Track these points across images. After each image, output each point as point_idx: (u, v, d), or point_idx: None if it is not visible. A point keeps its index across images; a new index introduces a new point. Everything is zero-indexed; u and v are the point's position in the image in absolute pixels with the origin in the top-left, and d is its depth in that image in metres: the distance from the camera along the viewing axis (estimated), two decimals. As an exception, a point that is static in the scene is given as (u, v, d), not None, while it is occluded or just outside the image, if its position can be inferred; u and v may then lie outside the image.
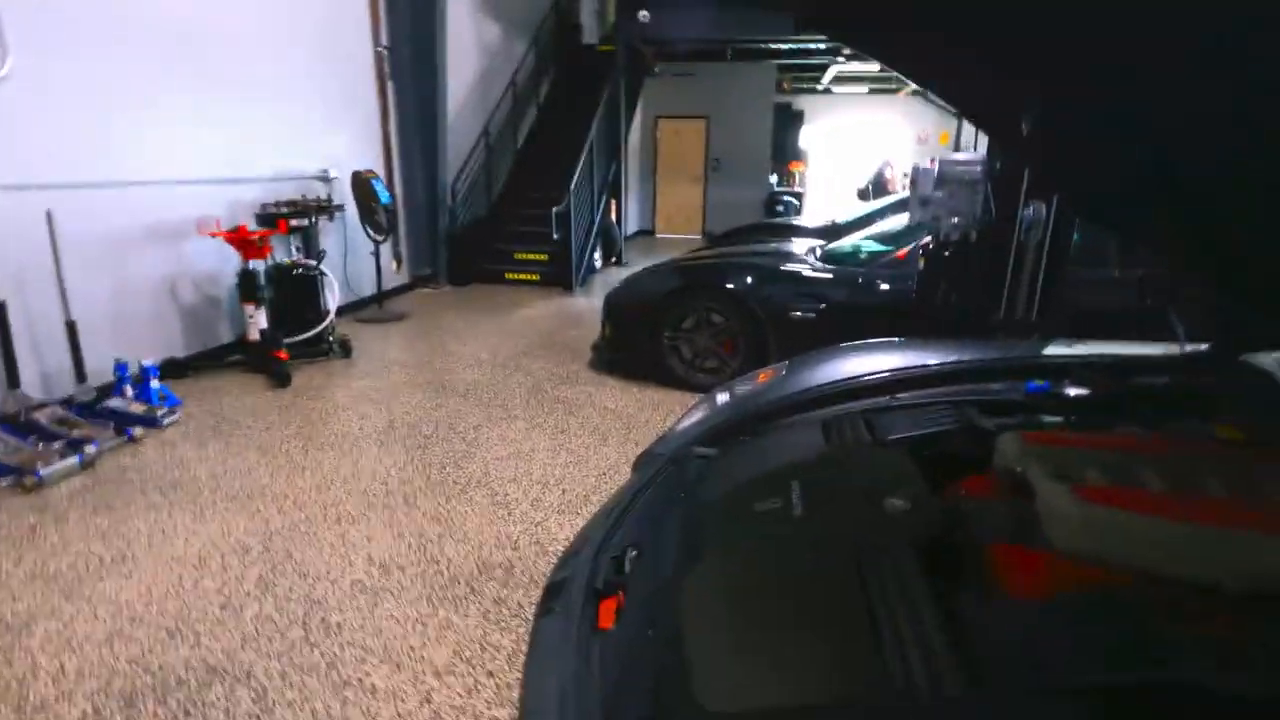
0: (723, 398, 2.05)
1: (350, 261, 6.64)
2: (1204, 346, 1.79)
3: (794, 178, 15.62)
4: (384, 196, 6.23)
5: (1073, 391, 1.70)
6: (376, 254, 6.65)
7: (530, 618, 1.34)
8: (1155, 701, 0.78)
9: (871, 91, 15.83)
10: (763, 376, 2.09)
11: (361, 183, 6.21)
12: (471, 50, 8.83)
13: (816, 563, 1.16)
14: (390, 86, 7.20)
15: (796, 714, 0.86)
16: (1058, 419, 1.61)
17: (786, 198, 13.81)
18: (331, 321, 5.23)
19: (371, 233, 6.41)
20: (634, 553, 1.41)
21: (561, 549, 2.15)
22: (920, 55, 1.46)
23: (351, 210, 6.32)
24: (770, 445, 1.71)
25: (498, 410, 4.22)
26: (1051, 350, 2.03)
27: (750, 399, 1.97)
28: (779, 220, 7.97)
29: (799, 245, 4.67)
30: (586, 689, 1.06)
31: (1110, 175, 1.49)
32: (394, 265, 7.48)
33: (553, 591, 1.37)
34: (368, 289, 6.92)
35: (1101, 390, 1.69)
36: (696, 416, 2.01)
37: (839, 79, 14.24)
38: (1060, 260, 2.53)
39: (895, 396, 1.84)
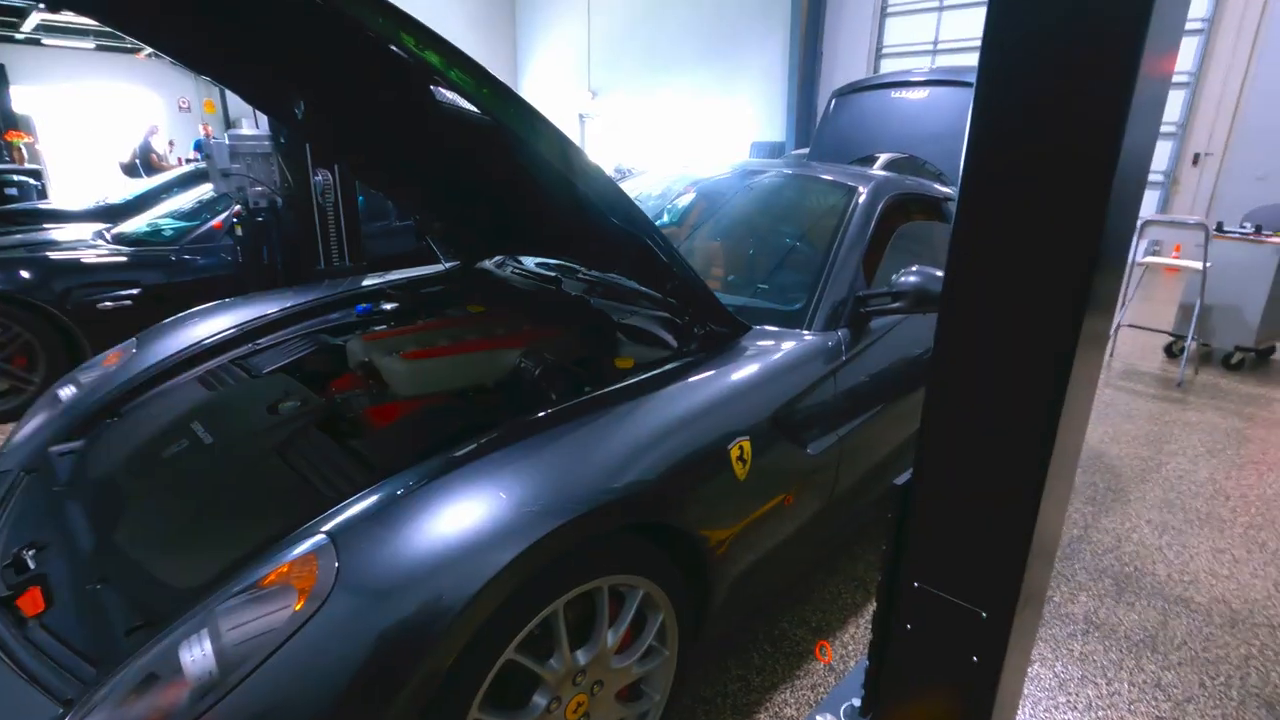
0: (67, 392, 1.92)
1: None
2: (456, 263, 2.70)
3: (19, 151, 12.22)
4: None
5: (387, 305, 2.36)
6: None
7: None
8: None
9: (100, 48, 13.49)
10: (110, 359, 2.04)
11: None
12: None
13: (243, 460, 1.46)
14: None
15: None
16: (384, 325, 2.23)
17: (18, 178, 10.79)
18: None
19: None
20: (32, 551, 1.38)
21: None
22: (193, 49, 1.71)
23: None
24: (148, 414, 1.79)
25: None
26: (368, 282, 2.65)
27: (104, 382, 1.92)
28: (19, 207, 6.35)
29: (73, 232, 4.05)
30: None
31: (367, 153, 2.10)
32: None
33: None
34: None
35: (405, 300, 2.40)
36: (38, 421, 1.84)
37: (48, 28, 11.61)
38: (354, 215, 3.18)
39: (256, 343, 2.13)
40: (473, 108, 1.26)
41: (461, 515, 1.09)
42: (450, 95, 1.32)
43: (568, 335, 1.95)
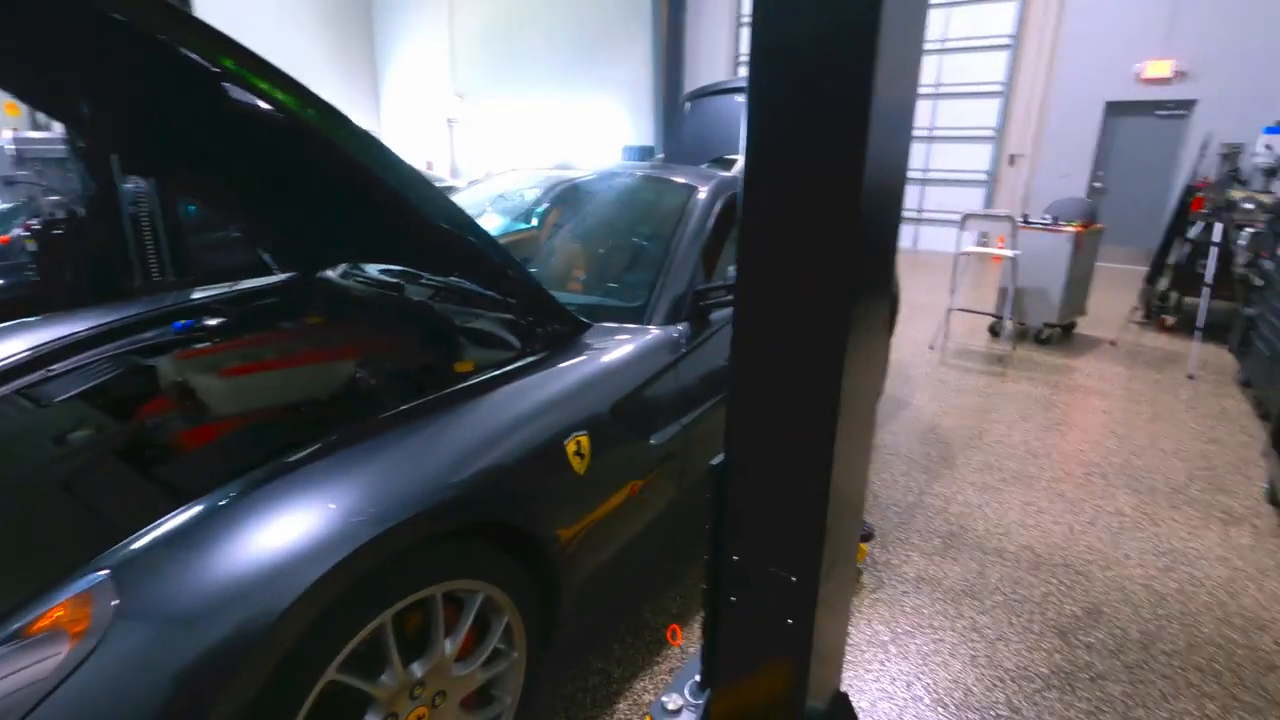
0: None
1: None
2: (293, 273, 2.55)
3: None
4: None
5: (212, 321, 2.19)
6: None
7: None
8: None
9: None
10: None
11: None
12: None
13: (21, 498, 1.31)
14: None
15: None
16: (207, 342, 2.07)
17: None
18: None
19: None
20: None
21: None
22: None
23: None
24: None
25: None
26: (198, 295, 2.44)
27: None
28: None
29: None
30: None
31: (171, 159, 1.94)
32: None
33: None
34: None
35: (233, 315, 2.24)
36: None
37: None
38: (177, 225, 2.92)
39: (50, 369, 1.91)
40: (271, 109, 1.21)
41: (274, 530, 1.04)
42: (247, 97, 1.25)
43: (407, 342, 1.90)
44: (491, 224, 2.76)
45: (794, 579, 1.15)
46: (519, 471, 1.36)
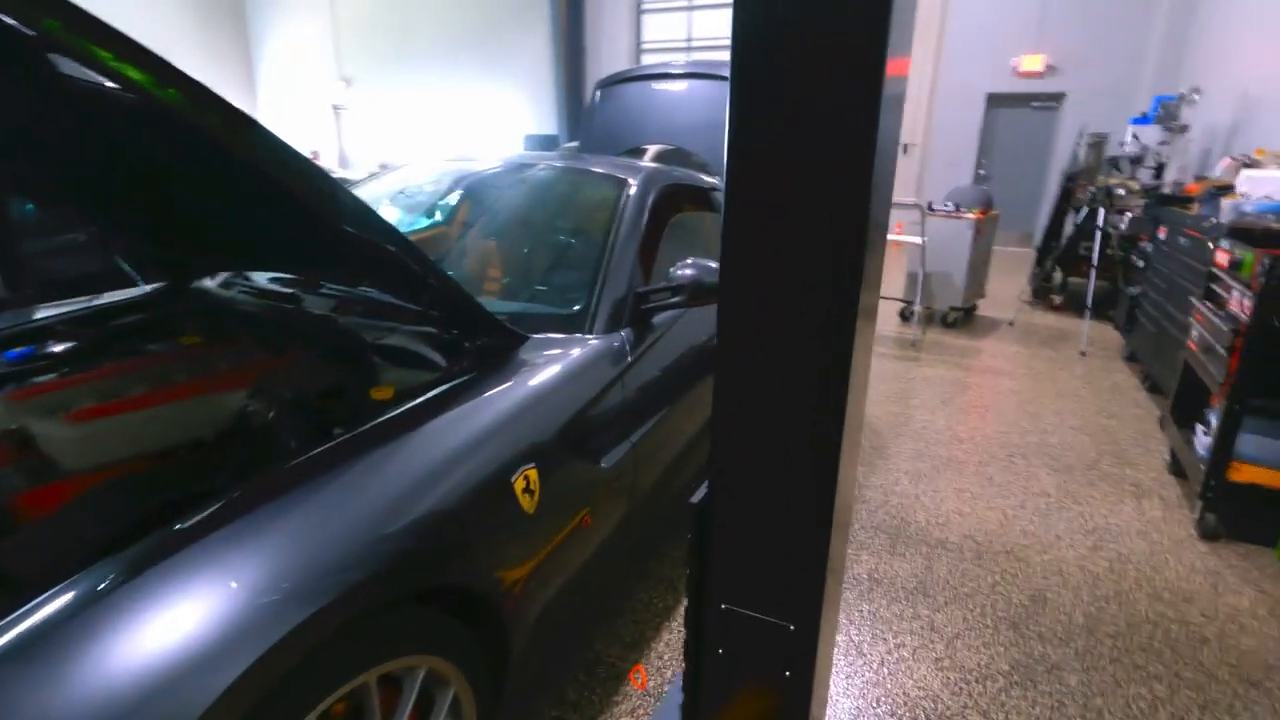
0: None
1: None
2: (162, 284, 2.18)
3: None
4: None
5: (59, 347, 1.81)
6: None
7: None
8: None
9: None
10: None
11: None
12: None
13: None
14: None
15: None
16: (52, 375, 1.70)
17: None
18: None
19: None
20: None
21: None
22: None
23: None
24: None
25: None
26: (41, 314, 2.04)
27: None
28: None
29: None
30: None
31: (12, 151, 1.56)
32: None
33: None
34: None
35: (86, 337, 1.86)
36: None
37: None
38: (8, 226, 2.44)
39: None
40: (116, 86, 0.94)
41: (150, 633, 0.80)
42: (83, 71, 0.97)
43: (308, 364, 1.63)
44: (393, 221, 2.48)
45: (792, 627, 1.02)
46: (461, 521, 1.15)
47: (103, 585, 0.84)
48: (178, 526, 0.95)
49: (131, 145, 1.32)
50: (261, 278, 2.07)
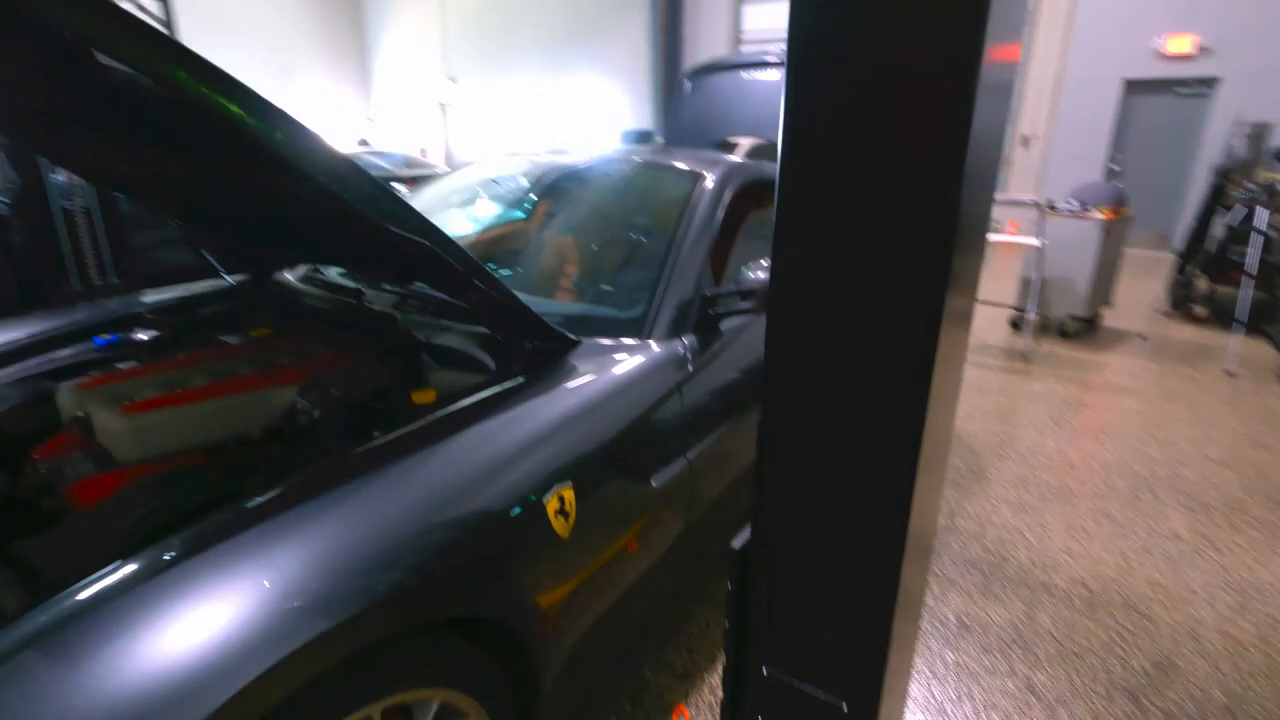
0: None
1: None
2: (245, 276, 2.24)
3: None
4: None
5: (143, 335, 1.88)
6: None
7: None
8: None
9: None
10: None
11: None
12: None
13: None
14: None
15: None
16: (133, 362, 1.76)
17: None
18: None
19: None
20: None
21: None
22: None
23: None
24: None
25: None
26: (148, 299, 2.14)
27: None
28: None
29: None
30: None
31: (66, 141, 1.62)
32: None
33: None
34: None
35: (170, 326, 1.93)
36: None
37: None
38: (118, 220, 2.61)
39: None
40: (211, 114, 0.94)
41: (165, 636, 0.76)
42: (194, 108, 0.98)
43: (361, 363, 1.59)
44: (479, 214, 2.45)
45: (845, 706, 0.86)
46: (484, 545, 1.06)
47: (113, 581, 0.82)
48: (149, 554, 0.90)
49: (214, 156, 1.32)
50: (333, 272, 2.09)
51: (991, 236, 5.10)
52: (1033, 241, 4.60)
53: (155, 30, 0.85)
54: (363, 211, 1.13)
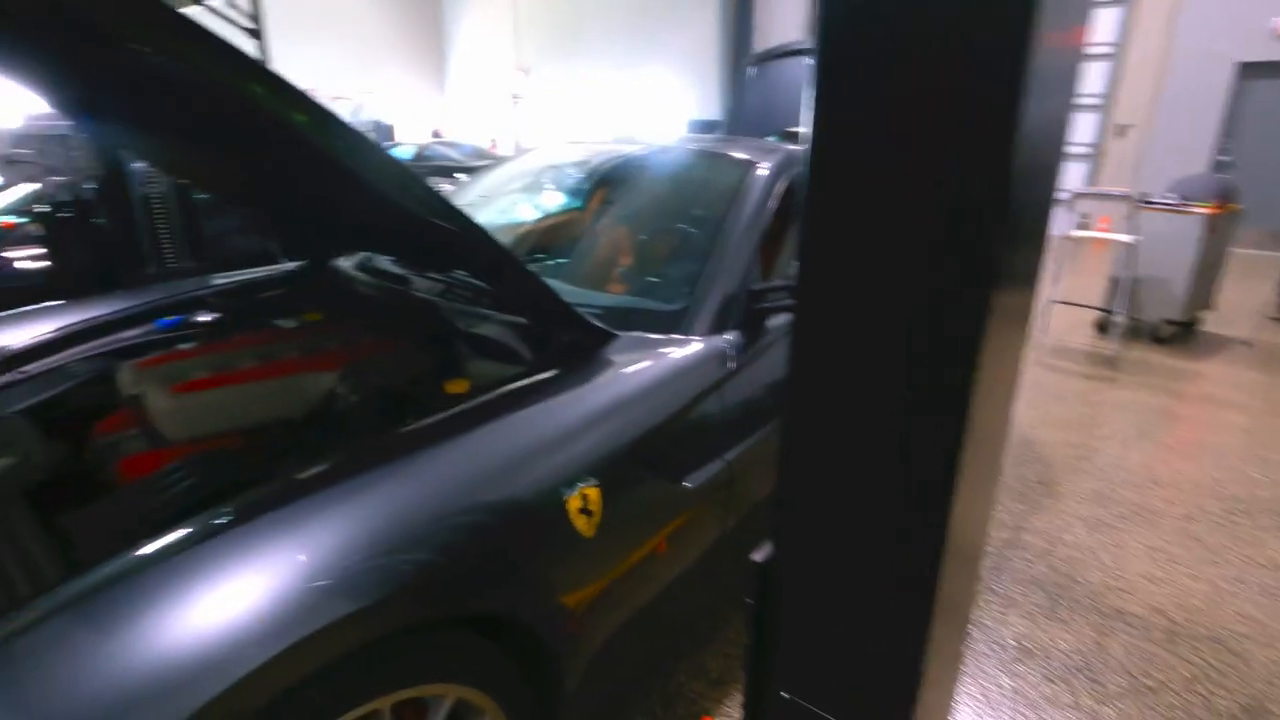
0: None
1: None
2: (303, 261, 2.31)
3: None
4: None
5: (203, 317, 1.96)
6: None
7: None
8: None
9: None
10: None
11: None
12: None
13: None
14: None
15: None
16: (191, 343, 1.83)
17: None
18: None
19: None
20: None
21: None
22: None
23: None
24: None
25: None
26: (216, 283, 2.23)
27: None
28: None
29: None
30: None
31: (178, 145, 1.69)
32: None
33: None
34: None
35: (230, 309, 2.00)
36: None
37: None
38: (191, 206, 2.73)
39: (24, 370, 1.72)
40: (278, 120, 0.97)
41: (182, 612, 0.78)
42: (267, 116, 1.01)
43: (400, 351, 1.60)
44: (537, 201, 2.44)
45: (870, 740, 0.79)
46: (502, 540, 1.04)
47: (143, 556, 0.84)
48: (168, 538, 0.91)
49: (278, 158, 1.35)
50: (384, 261, 2.11)
51: (1078, 232, 4.77)
52: (1126, 238, 4.27)
53: (234, 48, 0.87)
54: (402, 203, 1.13)
